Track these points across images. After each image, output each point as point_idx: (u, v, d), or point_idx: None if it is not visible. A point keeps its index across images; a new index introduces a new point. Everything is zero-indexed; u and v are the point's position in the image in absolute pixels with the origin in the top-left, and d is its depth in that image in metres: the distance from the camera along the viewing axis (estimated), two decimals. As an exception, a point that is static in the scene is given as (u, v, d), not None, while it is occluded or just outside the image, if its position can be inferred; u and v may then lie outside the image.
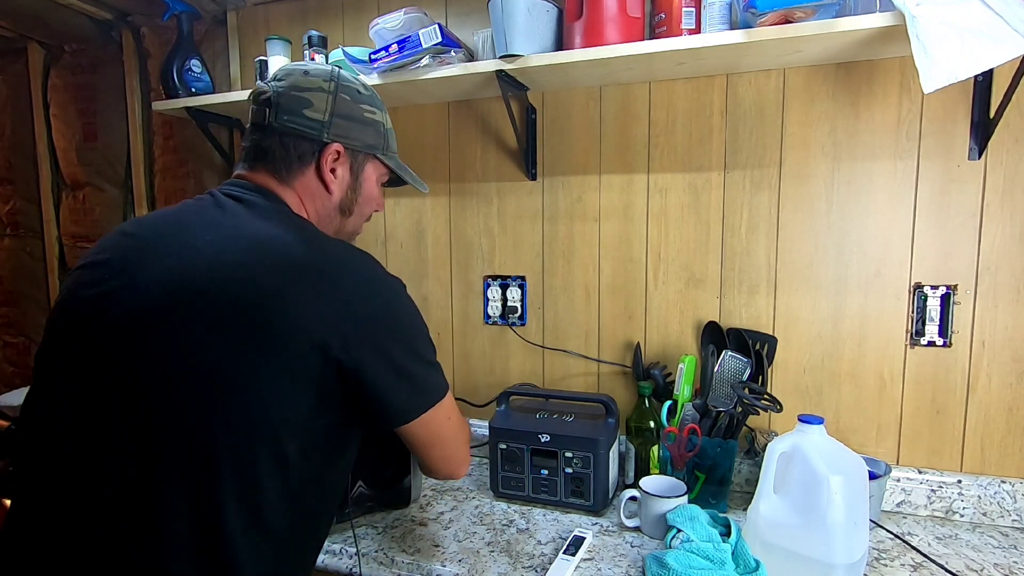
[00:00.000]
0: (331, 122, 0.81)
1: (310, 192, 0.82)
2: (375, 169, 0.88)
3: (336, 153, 0.82)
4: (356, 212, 0.87)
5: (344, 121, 0.82)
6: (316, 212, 0.83)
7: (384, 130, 0.88)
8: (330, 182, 0.82)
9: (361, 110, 0.84)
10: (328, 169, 0.81)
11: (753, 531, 0.98)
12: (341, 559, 1.06)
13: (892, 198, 1.18)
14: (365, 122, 0.84)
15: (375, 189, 0.89)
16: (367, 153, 0.85)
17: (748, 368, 1.19)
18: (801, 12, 1.00)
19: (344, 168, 0.83)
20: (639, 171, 1.34)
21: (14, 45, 1.92)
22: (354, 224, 0.89)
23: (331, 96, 0.81)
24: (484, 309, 1.50)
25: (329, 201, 0.83)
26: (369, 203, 0.89)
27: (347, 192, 0.85)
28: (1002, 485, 1.13)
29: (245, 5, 1.64)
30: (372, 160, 0.87)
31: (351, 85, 0.84)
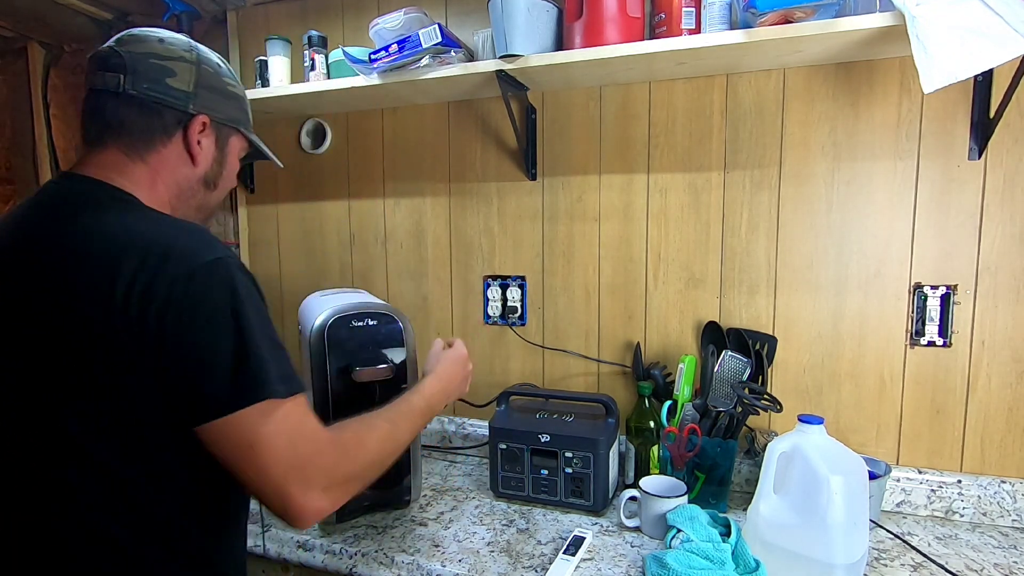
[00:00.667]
0: (196, 93, 0.78)
1: (170, 165, 0.78)
2: (238, 143, 0.87)
3: (202, 125, 0.79)
4: (220, 186, 0.86)
5: (209, 93, 0.80)
6: (177, 185, 0.80)
7: (246, 106, 0.88)
8: (197, 154, 0.79)
9: (224, 83, 0.82)
10: (195, 141, 0.79)
11: (753, 531, 0.98)
12: (341, 559, 1.06)
13: (892, 198, 1.18)
14: (228, 95, 0.83)
15: (234, 163, 0.88)
16: (231, 127, 0.84)
17: (748, 368, 1.19)
18: (801, 12, 1.00)
19: (210, 141, 0.81)
20: (639, 171, 1.34)
21: (14, 45, 1.92)
22: (217, 198, 0.87)
23: (194, 67, 0.78)
24: (484, 309, 1.50)
25: (192, 173, 0.81)
26: (231, 176, 0.87)
27: (213, 165, 0.83)
28: (1002, 485, 1.13)
29: (245, 5, 1.64)
30: (236, 134, 0.86)
31: (211, 58, 0.82)
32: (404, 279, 1.58)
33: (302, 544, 1.10)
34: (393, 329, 1.11)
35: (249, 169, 1.70)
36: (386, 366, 1.07)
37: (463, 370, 1.02)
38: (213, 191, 0.85)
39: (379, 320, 1.10)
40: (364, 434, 0.77)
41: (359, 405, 1.05)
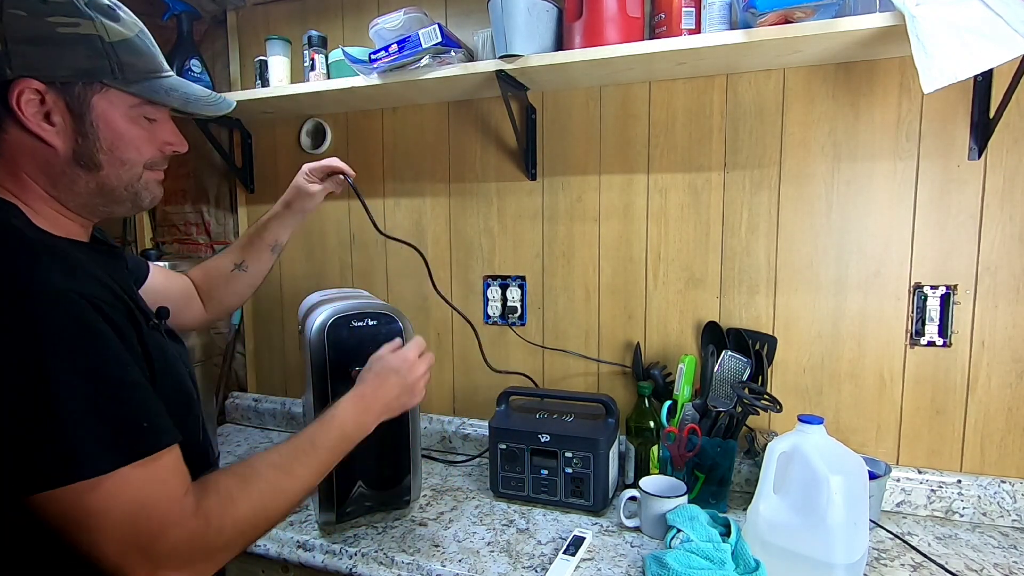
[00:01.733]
0: (8, 51, 0.58)
1: (26, 153, 0.62)
2: (113, 100, 0.64)
3: (36, 93, 0.59)
4: (107, 162, 0.65)
5: (27, 47, 0.58)
6: (44, 175, 0.64)
7: (105, 45, 0.62)
8: (42, 132, 0.61)
9: (49, 24, 0.59)
10: (31, 116, 0.60)
11: (753, 531, 0.98)
12: (341, 559, 1.06)
13: (892, 198, 1.18)
14: (62, 41, 0.60)
15: (127, 125, 0.66)
16: (85, 83, 0.62)
17: (748, 368, 1.19)
18: (801, 12, 1.00)
19: (58, 110, 0.61)
20: (639, 171, 1.34)
21: None
22: (118, 176, 0.67)
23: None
24: (484, 309, 1.50)
25: (57, 158, 0.63)
26: (126, 145, 0.66)
27: (76, 140, 0.63)
28: (1002, 485, 1.13)
29: (245, 5, 1.64)
30: (101, 89, 0.63)
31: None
32: (404, 279, 1.58)
33: (302, 544, 1.10)
34: (393, 329, 1.11)
35: (248, 168, 1.70)
36: None
37: (400, 380, 0.86)
38: (100, 170, 0.65)
39: (379, 320, 1.10)
40: (238, 493, 0.64)
41: None
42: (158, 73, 0.68)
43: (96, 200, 0.68)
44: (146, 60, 0.67)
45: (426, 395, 1.56)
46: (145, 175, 0.70)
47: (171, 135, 0.72)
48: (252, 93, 1.43)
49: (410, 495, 1.17)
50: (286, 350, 1.74)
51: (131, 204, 0.70)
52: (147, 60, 0.67)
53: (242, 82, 1.66)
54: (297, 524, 1.16)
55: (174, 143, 0.73)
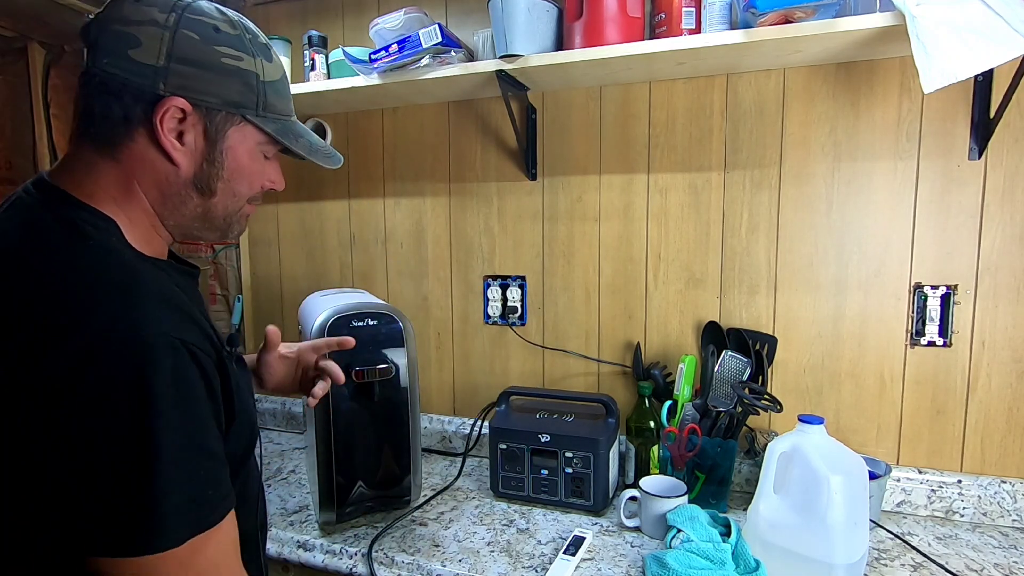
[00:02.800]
0: (168, 68, 0.58)
1: (146, 166, 0.61)
2: (247, 135, 0.66)
3: (180, 112, 0.60)
4: (222, 190, 0.66)
5: (189, 68, 0.59)
6: (158, 190, 0.63)
7: (259, 83, 0.64)
8: (172, 150, 0.61)
9: (217, 53, 0.61)
10: (167, 132, 0.60)
11: (753, 531, 0.98)
12: (341, 559, 1.06)
13: (892, 198, 1.18)
14: (223, 70, 0.61)
15: (249, 161, 0.67)
16: (229, 113, 0.63)
17: (748, 368, 1.19)
18: (801, 12, 1.00)
19: (195, 132, 0.62)
20: (639, 171, 1.34)
21: (14, 45, 1.92)
22: (225, 205, 0.67)
23: (168, 33, 0.58)
24: (484, 309, 1.50)
25: (176, 176, 0.63)
26: (243, 178, 0.67)
27: (202, 164, 0.63)
28: (1002, 485, 1.13)
29: (245, 5, 1.64)
30: (240, 123, 0.64)
31: (202, 19, 0.61)
32: (404, 279, 1.58)
33: (302, 544, 1.10)
34: (393, 329, 1.11)
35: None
36: (386, 366, 1.07)
37: None
38: (212, 197, 0.66)
39: (379, 320, 1.10)
40: None
41: (358, 404, 1.06)
42: (289, 116, 0.70)
43: (195, 224, 0.68)
44: (285, 103, 0.69)
45: (427, 395, 1.57)
46: (244, 208, 0.71)
47: (275, 174, 0.73)
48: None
49: (410, 495, 1.17)
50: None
51: (221, 233, 0.71)
52: (285, 103, 0.69)
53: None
54: (297, 524, 1.16)
55: (276, 182, 0.73)
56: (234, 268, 1.76)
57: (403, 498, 1.17)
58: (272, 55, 0.67)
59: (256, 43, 0.65)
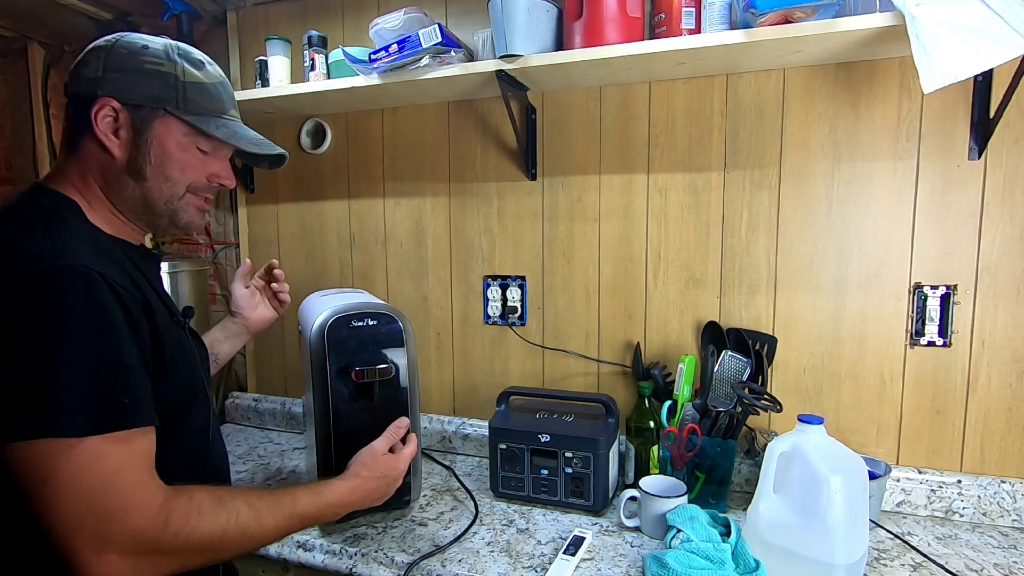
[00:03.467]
0: (103, 77, 0.73)
1: (94, 158, 0.75)
2: (170, 125, 0.76)
3: (112, 110, 0.73)
4: (153, 175, 0.76)
5: (117, 74, 0.73)
6: (102, 178, 0.76)
7: (177, 82, 0.76)
8: (107, 141, 0.74)
9: (140, 61, 0.74)
10: (103, 127, 0.73)
11: (753, 531, 0.98)
12: (341, 559, 1.06)
13: (892, 198, 1.18)
14: (145, 73, 0.74)
15: (177, 149, 0.77)
16: (152, 107, 0.74)
17: (748, 368, 1.19)
18: (801, 12, 1.00)
19: (126, 126, 0.74)
20: (639, 171, 1.34)
21: (14, 45, 1.92)
22: (160, 190, 0.77)
23: (105, 51, 0.74)
24: (484, 309, 1.50)
25: (114, 164, 0.75)
26: (171, 164, 0.77)
27: (131, 152, 0.75)
28: (1002, 485, 1.13)
29: (245, 5, 1.64)
30: (162, 116, 0.75)
31: (134, 40, 0.76)
32: (404, 279, 1.58)
33: (302, 544, 1.10)
34: (393, 329, 1.11)
35: (248, 169, 1.70)
36: (386, 366, 1.07)
37: (386, 487, 0.94)
38: (145, 182, 0.76)
39: (379, 320, 1.10)
40: (208, 510, 0.67)
41: (358, 404, 1.06)
42: (218, 114, 0.80)
43: (140, 208, 0.78)
44: (210, 101, 0.79)
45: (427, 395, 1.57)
46: (187, 196, 0.80)
47: (222, 170, 0.83)
48: (252, 93, 1.43)
49: (410, 495, 1.17)
50: (286, 350, 1.74)
51: (168, 219, 0.80)
52: (211, 101, 0.79)
53: (242, 82, 1.66)
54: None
55: (222, 177, 0.83)
56: (234, 268, 1.75)
57: (403, 498, 1.17)
58: (205, 67, 0.80)
59: (186, 57, 0.78)
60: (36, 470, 0.58)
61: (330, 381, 1.05)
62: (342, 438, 1.06)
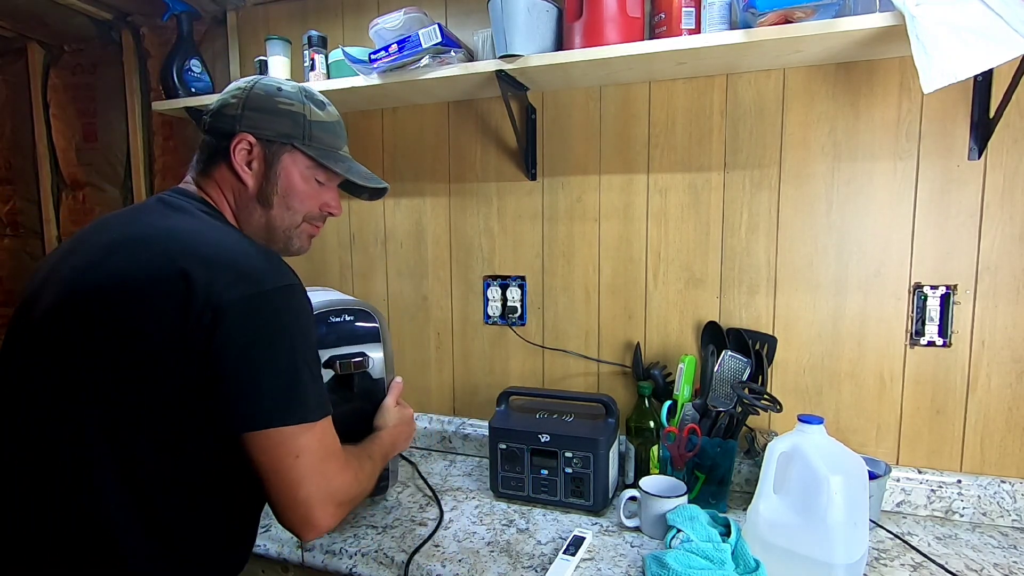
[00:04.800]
0: (242, 114, 0.83)
1: (228, 183, 0.85)
2: (296, 159, 0.86)
3: (248, 144, 0.83)
4: (279, 204, 0.86)
5: (255, 113, 0.83)
6: (235, 203, 0.86)
7: (305, 121, 0.86)
8: (242, 172, 0.83)
9: (275, 102, 0.85)
10: (239, 159, 0.83)
11: (753, 531, 0.98)
12: (341, 559, 1.06)
13: (892, 198, 1.18)
14: (278, 112, 0.84)
15: (301, 181, 0.87)
16: (281, 143, 0.85)
17: (748, 368, 1.19)
18: (801, 12, 1.00)
19: (259, 159, 0.84)
20: (639, 171, 1.34)
21: (14, 45, 1.92)
22: (282, 218, 0.87)
23: (246, 91, 0.85)
24: (484, 309, 1.50)
25: (246, 192, 0.85)
26: (295, 195, 0.87)
27: (262, 183, 0.84)
28: (1002, 485, 1.13)
29: (245, 5, 1.64)
30: (290, 151, 0.85)
31: (270, 83, 0.86)
32: (404, 279, 1.58)
33: (302, 544, 1.10)
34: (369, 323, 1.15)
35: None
36: (360, 359, 1.11)
37: (409, 429, 1.08)
38: (271, 209, 0.86)
39: (355, 316, 1.15)
40: (364, 462, 0.86)
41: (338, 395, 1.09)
42: (336, 149, 0.90)
43: (261, 233, 0.87)
44: (331, 138, 0.89)
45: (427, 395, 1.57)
46: (303, 225, 0.90)
47: (332, 200, 0.92)
48: (252, 93, 1.43)
49: (387, 480, 1.20)
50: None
51: (284, 244, 0.89)
52: (331, 138, 0.89)
53: (242, 82, 1.66)
54: (297, 524, 1.16)
55: (332, 207, 0.92)
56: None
57: (381, 483, 1.18)
58: (326, 107, 0.90)
59: (311, 98, 0.88)
60: (290, 447, 0.71)
61: None
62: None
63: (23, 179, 2.01)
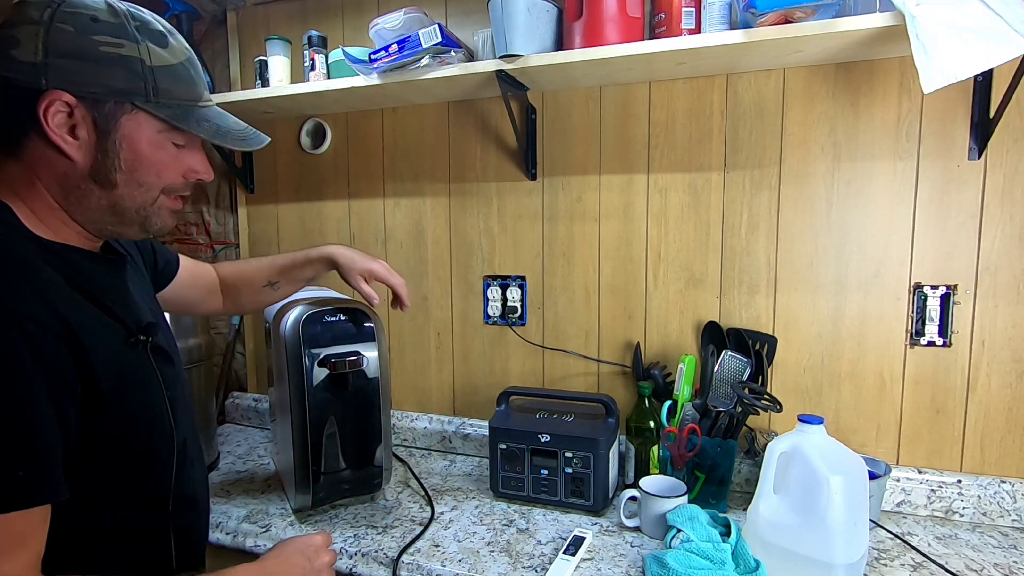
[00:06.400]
0: (46, 63, 0.58)
1: (44, 162, 0.62)
2: (141, 122, 0.64)
3: (66, 105, 0.60)
4: (124, 181, 0.65)
5: (67, 61, 0.59)
6: (59, 186, 0.64)
7: (144, 69, 0.62)
8: (64, 144, 0.61)
9: (94, 43, 0.60)
10: (55, 127, 0.60)
11: (753, 531, 0.98)
12: (341, 559, 1.06)
13: (892, 198, 1.18)
14: (103, 59, 0.60)
15: (151, 149, 0.65)
16: (117, 102, 0.62)
17: (748, 368, 1.19)
18: (801, 12, 1.00)
19: (86, 125, 0.61)
20: (639, 171, 1.34)
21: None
22: (132, 197, 0.66)
23: (43, 28, 0.58)
24: (484, 309, 1.50)
25: (74, 171, 0.63)
26: (146, 167, 0.66)
27: (96, 156, 0.63)
28: (1002, 485, 1.13)
29: (245, 5, 1.64)
30: (132, 111, 0.63)
31: (78, 11, 0.60)
32: (404, 279, 1.57)
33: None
34: (365, 323, 1.16)
35: (248, 169, 1.70)
36: (355, 358, 1.12)
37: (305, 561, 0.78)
38: (115, 189, 0.65)
39: (350, 315, 1.16)
40: None
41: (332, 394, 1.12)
42: (195, 102, 0.68)
43: (106, 217, 0.67)
44: (185, 87, 0.66)
45: (427, 395, 1.57)
46: (160, 199, 0.69)
47: (198, 163, 0.71)
48: (252, 93, 1.43)
49: (381, 478, 1.21)
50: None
51: (139, 227, 0.70)
52: (186, 87, 0.67)
53: (242, 82, 1.66)
54: (297, 525, 1.16)
55: (200, 171, 0.71)
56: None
57: (374, 481, 1.20)
58: (168, 40, 0.66)
59: (145, 29, 0.64)
60: None
61: (306, 374, 1.09)
62: (316, 426, 1.11)
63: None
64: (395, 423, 1.56)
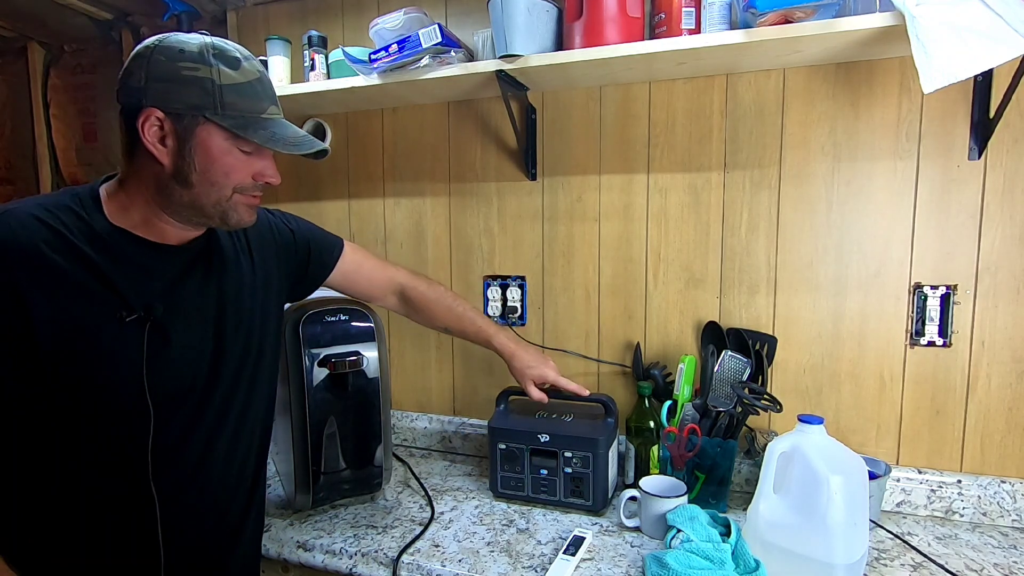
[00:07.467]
0: (147, 87, 0.74)
1: (148, 165, 0.77)
2: (211, 131, 0.76)
3: (157, 120, 0.74)
4: (198, 181, 0.78)
5: (160, 84, 0.74)
6: (154, 185, 0.78)
7: (215, 87, 0.75)
8: (155, 151, 0.75)
9: (178, 68, 0.74)
10: (150, 137, 0.75)
11: (753, 531, 0.98)
12: (341, 559, 1.06)
13: (892, 198, 1.18)
14: (184, 81, 0.74)
15: (220, 154, 0.78)
16: (192, 115, 0.75)
17: (748, 368, 1.19)
18: (801, 12, 1.00)
19: (171, 135, 0.75)
20: (639, 171, 1.34)
21: (14, 45, 1.92)
22: (207, 194, 0.79)
23: (145, 60, 0.75)
24: (484, 309, 1.50)
25: (163, 172, 0.77)
26: (216, 169, 0.78)
27: (177, 161, 0.76)
28: (1002, 485, 1.13)
29: (245, 5, 1.64)
30: (203, 123, 0.76)
31: (172, 45, 0.75)
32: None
33: (302, 544, 1.10)
34: (364, 323, 1.17)
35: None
36: (355, 357, 1.12)
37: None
38: (192, 188, 0.78)
39: (350, 315, 1.16)
40: None
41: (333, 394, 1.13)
42: (259, 114, 0.79)
43: (188, 212, 0.80)
44: (249, 102, 0.78)
45: (427, 395, 1.56)
46: (235, 197, 0.81)
47: (266, 167, 0.83)
48: (252, 93, 1.43)
49: (381, 478, 1.21)
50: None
51: (219, 220, 0.82)
52: (250, 102, 0.78)
53: (242, 82, 1.66)
54: (297, 525, 1.16)
55: (267, 175, 0.83)
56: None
57: (374, 481, 1.20)
58: (241, 64, 0.78)
59: (221, 56, 0.77)
60: None
61: (306, 374, 1.10)
62: (317, 426, 1.12)
63: (23, 179, 2.01)
64: (395, 423, 1.56)
